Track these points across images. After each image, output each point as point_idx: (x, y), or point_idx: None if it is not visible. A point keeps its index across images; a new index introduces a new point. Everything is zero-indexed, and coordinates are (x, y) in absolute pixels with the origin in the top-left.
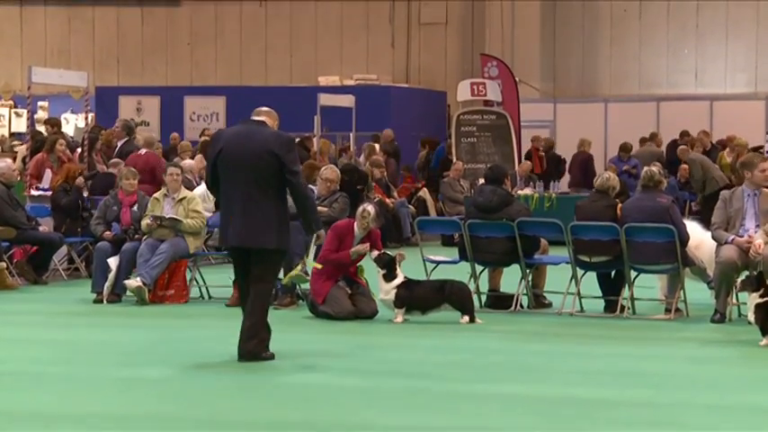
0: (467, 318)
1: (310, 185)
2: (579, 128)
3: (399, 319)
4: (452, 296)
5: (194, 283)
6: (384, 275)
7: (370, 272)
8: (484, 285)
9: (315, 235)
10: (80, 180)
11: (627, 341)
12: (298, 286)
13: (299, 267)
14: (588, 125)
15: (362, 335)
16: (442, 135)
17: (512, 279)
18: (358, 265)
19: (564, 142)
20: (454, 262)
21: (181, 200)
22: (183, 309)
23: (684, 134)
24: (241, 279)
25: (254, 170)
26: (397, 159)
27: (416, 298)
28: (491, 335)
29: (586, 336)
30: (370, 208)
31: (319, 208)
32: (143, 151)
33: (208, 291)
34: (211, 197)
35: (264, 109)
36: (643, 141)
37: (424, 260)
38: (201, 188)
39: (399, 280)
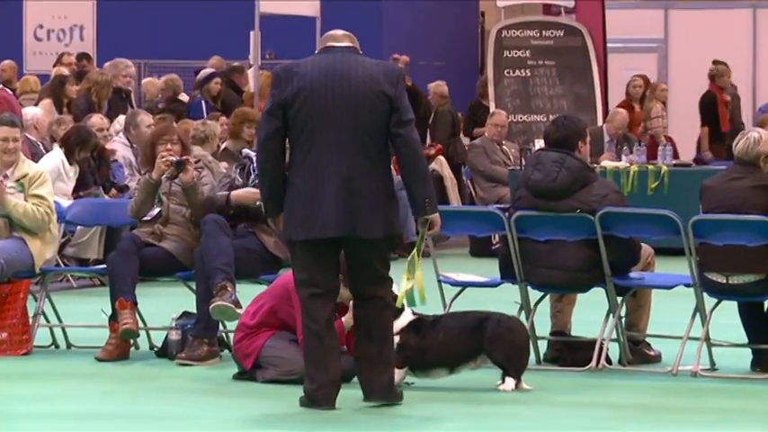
0: (510, 382)
1: (247, 149)
2: (709, 51)
3: (396, 380)
4: (496, 342)
5: (41, 320)
6: None
7: None
8: (543, 324)
9: (427, 221)
10: None
11: None
12: (221, 324)
13: (408, 278)
14: (725, 46)
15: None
16: (471, 67)
17: (591, 314)
18: None
19: (682, 76)
20: (492, 284)
21: (20, 179)
22: (19, 366)
23: None
24: (324, 289)
25: (359, 123)
26: None
27: (434, 347)
28: (552, 418)
29: (724, 413)
30: None
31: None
32: None
33: (65, 334)
34: (70, 174)
35: (341, 32)
36: None
37: (439, 280)
38: (53, 158)
39: (405, 319)
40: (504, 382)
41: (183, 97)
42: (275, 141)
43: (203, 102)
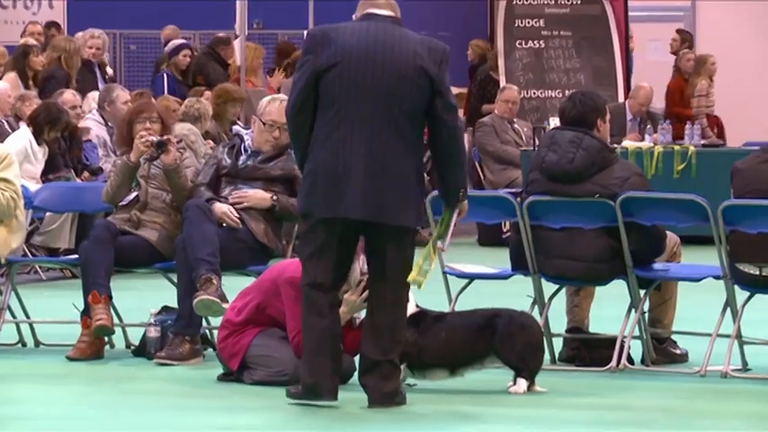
0: (522, 384)
1: (238, 126)
2: (738, 20)
3: None
4: (508, 341)
5: (7, 315)
6: None
7: None
8: (558, 320)
9: (456, 209)
10: None
11: None
12: (205, 320)
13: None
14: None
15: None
16: (479, 38)
17: (612, 309)
18: None
19: (709, 49)
20: (502, 276)
21: None
22: None
23: None
24: (333, 275)
25: (397, 101)
26: None
27: (434, 346)
28: (567, 422)
29: (756, 418)
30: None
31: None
32: None
33: (33, 331)
34: (39, 155)
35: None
36: None
37: (444, 272)
38: (19, 138)
39: (409, 310)
40: (515, 383)
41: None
42: (307, 113)
43: (166, 76)
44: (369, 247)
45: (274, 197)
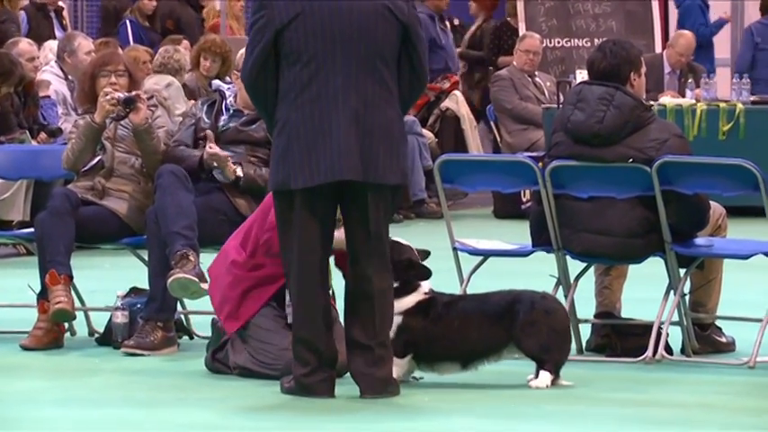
0: (545, 377)
1: (219, 81)
2: None
3: (396, 373)
4: (530, 329)
5: None
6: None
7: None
8: (585, 304)
9: None
10: None
11: None
12: (180, 303)
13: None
14: None
15: None
16: None
17: (647, 291)
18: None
19: None
20: (521, 253)
21: None
22: None
23: None
24: (320, 252)
25: (369, 44)
26: None
27: (445, 336)
28: (596, 420)
29: None
30: None
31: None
32: None
33: None
34: None
35: None
36: None
37: (454, 248)
38: None
39: (414, 297)
40: (537, 376)
41: None
42: (269, 73)
43: (130, 23)
44: (347, 212)
45: (240, 171)
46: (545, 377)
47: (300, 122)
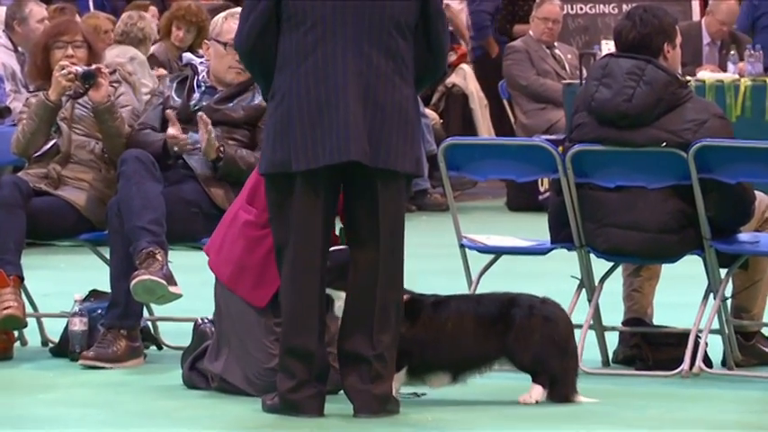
0: (537, 391)
1: (189, 54)
2: None
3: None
4: (522, 339)
5: None
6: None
7: None
8: (612, 310)
9: None
10: None
11: None
12: (146, 309)
13: None
14: None
15: None
16: None
17: (683, 294)
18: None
19: None
20: (538, 251)
21: None
22: None
23: None
24: (320, 246)
25: (385, 13)
26: None
27: (435, 342)
28: None
29: None
30: None
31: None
32: None
33: None
34: None
35: None
36: None
37: (461, 245)
38: None
39: None
40: (530, 393)
41: None
42: (272, 36)
43: None
44: (351, 201)
45: (222, 147)
46: (536, 391)
47: (303, 94)
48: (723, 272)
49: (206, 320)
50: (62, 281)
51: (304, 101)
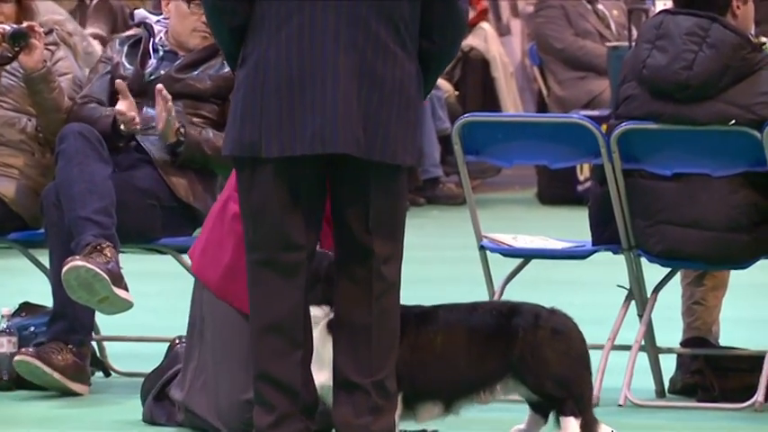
0: (572, 425)
1: (142, 10)
2: None
3: None
4: (532, 356)
5: None
6: None
7: None
8: (669, 327)
9: None
10: None
11: None
12: (96, 326)
13: None
14: None
15: None
16: None
17: (755, 308)
18: None
19: None
20: (577, 253)
21: None
22: None
23: None
24: (298, 247)
25: None
26: None
27: (431, 362)
28: None
29: None
30: None
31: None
32: None
33: None
34: None
35: None
36: None
37: (481, 246)
38: None
39: None
40: (560, 425)
41: None
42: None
43: None
44: (340, 197)
45: (182, 128)
46: (571, 426)
47: (283, 62)
48: None
49: (184, 341)
50: None
51: (284, 71)
